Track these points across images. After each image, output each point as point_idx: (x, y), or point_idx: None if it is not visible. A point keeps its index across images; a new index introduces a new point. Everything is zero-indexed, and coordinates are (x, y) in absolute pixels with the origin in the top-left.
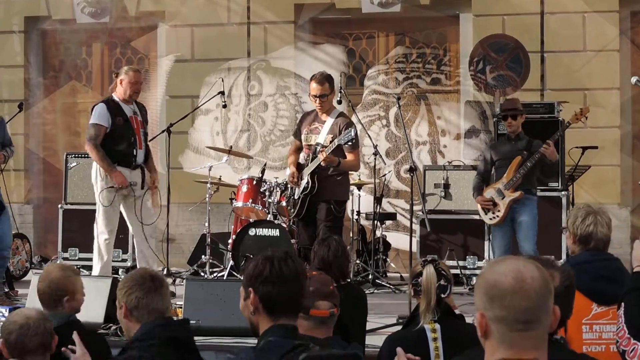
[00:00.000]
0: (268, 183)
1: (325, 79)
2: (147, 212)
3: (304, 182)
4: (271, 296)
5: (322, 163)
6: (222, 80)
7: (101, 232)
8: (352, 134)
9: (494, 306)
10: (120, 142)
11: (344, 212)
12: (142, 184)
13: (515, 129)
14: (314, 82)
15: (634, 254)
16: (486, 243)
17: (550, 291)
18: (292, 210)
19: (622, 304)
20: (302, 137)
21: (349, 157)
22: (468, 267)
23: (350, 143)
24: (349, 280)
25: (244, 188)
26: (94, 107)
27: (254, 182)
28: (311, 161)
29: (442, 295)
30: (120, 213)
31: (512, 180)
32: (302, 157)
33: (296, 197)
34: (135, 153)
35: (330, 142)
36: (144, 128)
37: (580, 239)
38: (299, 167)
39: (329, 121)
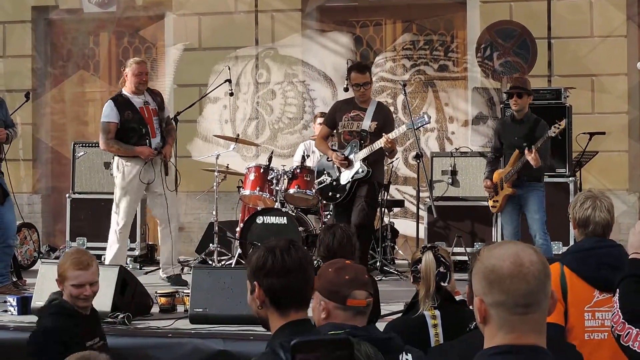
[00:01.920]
0: (275, 171)
1: (366, 68)
2: (172, 199)
3: (356, 168)
4: (276, 289)
5: (387, 145)
6: (229, 69)
7: (117, 222)
8: (426, 118)
9: (493, 291)
10: (132, 136)
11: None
12: (166, 170)
13: (521, 108)
14: (356, 72)
15: (630, 241)
16: (493, 229)
17: (548, 275)
18: (337, 196)
19: (618, 289)
20: (341, 124)
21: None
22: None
23: (422, 127)
24: None
25: (252, 176)
26: (105, 106)
27: (262, 170)
28: (360, 148)
29: (442, 283)
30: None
31: (508, 175)
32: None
33: (343, 182)
34: (148, 144)
35: (375, 128)
36: (158, 115)
37: (579, 222)
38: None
39: (371, 109)
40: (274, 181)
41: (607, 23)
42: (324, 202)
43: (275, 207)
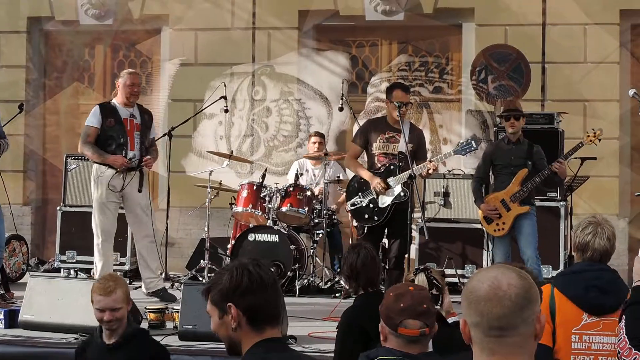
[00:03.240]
0: (268, 188)
1: (408, 88)
2: (146, 215)
3: (397, 191)
4: (255, 306)
5: (431, 171)
6: (225, 85)
7: (96, 236)
8: (474, 145)
9: (470, 312)
10: (110, 144)
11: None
12: (140, 187)
13: (517, 131)
14: (400, 91)
15: (634, 269)
16: (484, 251)
17: (530, 300)
18: (375, 219)
19: (623, 316)
20: (375, 145)
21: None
22: (466, 275)
23: (468, 154)
24: (377, 289)
25: (244, 193)
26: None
27: (254, 187)
28: (399, 171)
29: (435, 306)
30: (121, 216)
31: (518, 194)
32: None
33: (382, 206)
34: (124, 154)
35: (411, 150)
36: (141, 132)
37: (578, 247)
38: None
39: (405, 130)
40: (267, 199)
41: (600, 49)
42: (358, 224)
43: (267, 224)
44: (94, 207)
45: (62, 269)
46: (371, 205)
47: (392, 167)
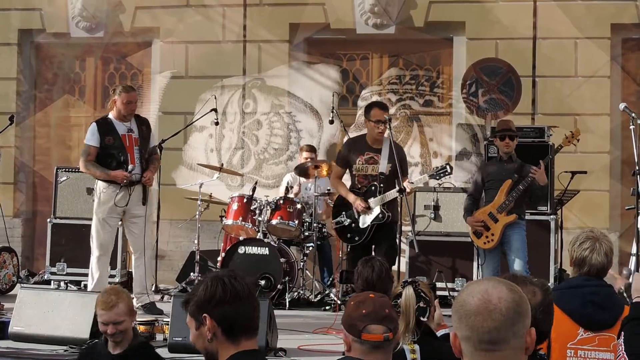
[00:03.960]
0: (258, 201)
1: (386, 107)
2: (147, 230)
3: (376, 212)
4: (229, 317)
5: (408, 195)
6: (215, 98)
7: (94, 250)
8: (448, 169)
9: (461, 325)
10: (110, 162)
11: (401, 227)
12: (145, 200)
13: (511, 150)
14: (378, 109)
15: (633, 285)
16: (474, 265)
17: (521, 314)
18: (356, 238)
19: (622, 333)
20: (355, 167)
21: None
22: (457, 289)
23: (443, 177)
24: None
25: (235, 206)
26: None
27: (245, 200)
28: (378, 191)
29: (422, 318)
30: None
31: (504, 204)
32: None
33: (362, 226)
34: (125, 171)
35: (390, 171)
36: (140, 145)
37: (575, 261)
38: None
39: (385, 150)
40: (257, 211)
41: (591, 63)
42: (343, 242)
43: (257, 237)
44: (94, 221)
45: (52, 281)
46: (353, 225)
47: (372, 187)
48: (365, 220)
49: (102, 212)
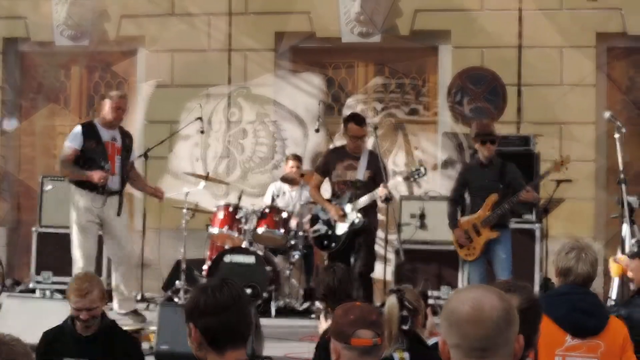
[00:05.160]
0: (244, 210)
1: (364, 121)
2: (126, 238)
3: (351, 218)
4: (211, 328)
5: (380, 197)
6: (201, 106)
7: (76, 260)
8: (422, 170)
9: (452, 333)
10: (90, 166)
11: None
12: (119, 210)
13: (492, 154)
14: (355, 124)
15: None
16: (459, 273)
17: (510, 322)
18: (333, 245)
19: None
20: (334, 173)
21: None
22: (442, 297)
23: (419, 179)
24: None
25: (220, 214)
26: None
27: (231, 209)
28: (356, 198)
29: (403, 326)
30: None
31: (487, 219)
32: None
33: (339, 233)
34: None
35: (369, 177)
36: (122, 156)
37: (561, 271)
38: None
39: (364, 158)
40: (243, 220)
41: (576, 72)
42: (321, 250)
43: (243, 246)
44: (73, 232)
45: (37, 290)
46: (329, 233)
47: (348, 193)
48: (342, 227)
49: (80, 220)
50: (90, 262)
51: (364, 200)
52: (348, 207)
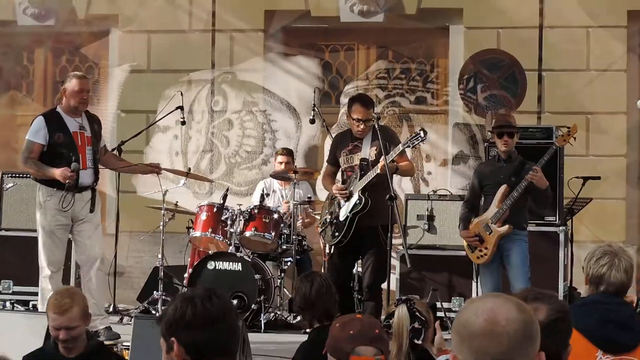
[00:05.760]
0: (230, 210)
1: (370, 103)
2: (98, 240)
3: (354, 199)
4: (199, 343)
5: (379, 170)
6: (182, 94)
7: (43, 267)
8: (422, 134)
9: (463, 349)
10: (58, 162)
11: (390, 241)
12: (92, 207)
13: (510, 149)
14: (361, 105)
15: None
16: (474, 283)
17: (530, 336)
18: (336, 234)
19: None
20: (341, 160)
21: (402, 162)
22: (453, 309)
23: (418, 145)
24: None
25: (203, 216)
26: (34, 120)
27: (215, 210)
28: (360, 177)
29: (416, 340)
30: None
31: (498, 213)
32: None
33: (342, 219)
34: (76, 176)
35: (376, 153)
36: (93, 145)
37: (591, 279)
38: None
39: (368, 136)
40: (229, 222)
41: (605, 55)
42: (329, 245)
43: (229, 251)
44: (41, 236)
45: None
46: (334, 221)
47: (354, 176)
48: (344, 211)
49: (48, 223)
50: (58, 270)
51: (365, 179)
52: (354, 190)
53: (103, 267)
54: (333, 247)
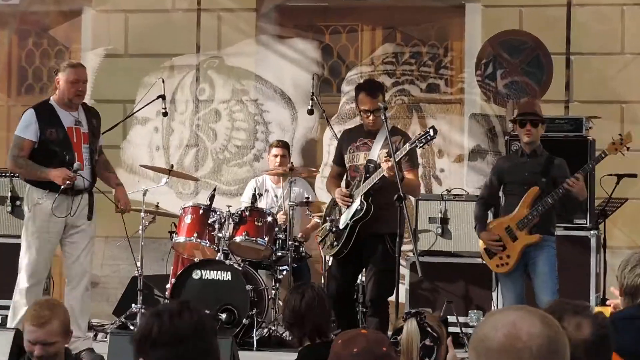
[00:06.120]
0: (218, 213)
1: (378, 89)
2: (90, 253)
3: (355, 205)
4: None
5: (385, 174)
6: (163, 82)
7: (23, 279)
8: (431, 133)
9: None
10: (51, 162)
11: (400, 248)
12: (90, 214)
13: (534, 140)
14: (364, 94)
15: None
16: (493, 294)
17: (557, 353)
18: (335, 244)
19: None
20: (346, 158)
21: (410, 175)
22: (470, 324)
23: (427, 145)
24: (330, 338)
25: (188, 219)
26: (23, 113)
27: (201, 212)
28: (364, 181)
29: (427, 359)
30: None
31: (526, 219)
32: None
33: (341, 227)
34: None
35: (386, 156)
36: (90, 143)
37: (626, 290)
38: None
39: (382, 135)
40: (217, 226)
41: None
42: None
43: (217, 258)
44: (25, 243)
45: None
46: (333, 229)
47: (358, 179)
48: (344, 219)
49: (37, 229)
50: (38, 283)
51: (368, 182)
52: (356, 195)
53: (89, 282)
54: (332, 257)
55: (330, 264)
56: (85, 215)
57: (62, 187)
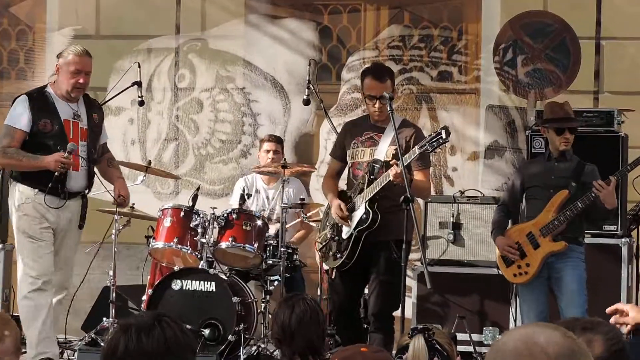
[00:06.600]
0: (202, 215)
1: (386, 73)
2: (72, 264)
3: (359, 213)
4: None
5: (392, 178)
6: (139, 66)
7: (29, 280)
8: (444, 135)
9: None
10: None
11: (407, 256)
12: (82, 221)
13: (569, 148)
14: (371, 77)
15: None
16: (511, 309)
17: None
18: (338, 256)
19: None
20: (349, 153)
21: (420, 176)
22: (485, 342)
23: (438, 149)
24: (324, 357)
25: (167, 222)
26: (15, 99)
27: (182, 214)
28: (368, 184)
29: None
30: None
31: (552, 224)
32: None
33: (345, 236)
34: (66, 177)
35: (393, 156)
36: (89, 140)
37: None
38: (342, 197)
39: (390, 129)
40: (200, 230)
41: None
42: (331, 268)
43: (200, 267)
44: (20, 244)
45: None
46: (335, 238)
47: (361, 181)
48: (347, 229)
49: (29, 226)
50: (48, 284)
51: (373, 187)
52: (359, 201)
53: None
54: (335, 269)
55: (333, 275)
56: (75, 222)
57: (57, 172)
